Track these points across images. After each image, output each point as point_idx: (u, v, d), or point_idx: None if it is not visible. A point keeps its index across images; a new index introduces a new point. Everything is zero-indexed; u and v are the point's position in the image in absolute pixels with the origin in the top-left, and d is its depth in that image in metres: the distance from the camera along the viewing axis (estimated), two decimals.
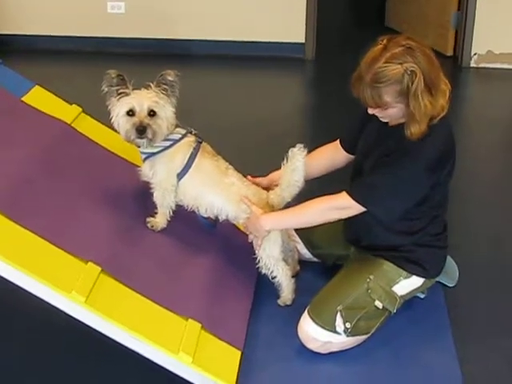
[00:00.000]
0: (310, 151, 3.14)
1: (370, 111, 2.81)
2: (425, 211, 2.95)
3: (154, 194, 3.12)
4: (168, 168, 3.06)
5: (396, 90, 2.67)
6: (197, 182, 3.08)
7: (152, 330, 2.70)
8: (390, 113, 2.78)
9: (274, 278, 3.18)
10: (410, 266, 3.00)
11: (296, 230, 3.40)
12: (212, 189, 3.09)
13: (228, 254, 3.29)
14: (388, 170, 2.82)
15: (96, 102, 3.03)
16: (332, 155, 3.30)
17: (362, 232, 3.10)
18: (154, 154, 3.05)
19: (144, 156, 3.09)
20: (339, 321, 2.91)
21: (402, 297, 3.02)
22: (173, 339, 2.71)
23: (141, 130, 2.94)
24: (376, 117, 2.88)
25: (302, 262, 3.45)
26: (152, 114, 2.96)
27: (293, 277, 3.26)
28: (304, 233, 3.40)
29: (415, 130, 2.72)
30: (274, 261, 3.14)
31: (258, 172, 3.30)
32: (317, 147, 3.33)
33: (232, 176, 3.11)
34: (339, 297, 2.96)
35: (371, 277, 2.98)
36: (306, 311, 2.98)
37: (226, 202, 3.10)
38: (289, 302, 3.24)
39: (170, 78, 2.99)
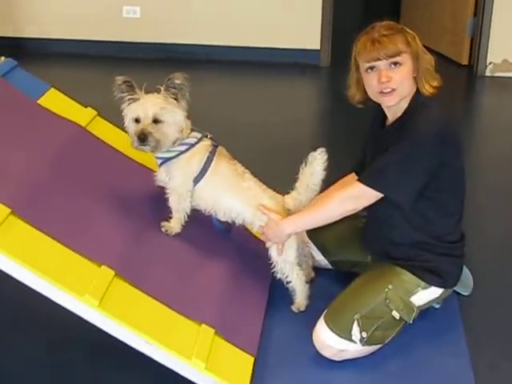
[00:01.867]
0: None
1: (384, 78, 2.80)
2: (443, 204, 2.94)
3: (170, 199, 3.10)
4: (184, 173, 3.05)
5: (403, 39, 2.81)
6: (214, 186, 3.07)
7: (165, 335, 2.67)
8: (403, 73, 2.81)
9: (288, 282, 3.15)
10: (429, 276, 2.97)
11: (310, 237, 3.38)
12: (230, 192, 3.07)
13: (242, 259, 3.27)
14: (394, 151, 2.82)
15: (111, 106, 3.01)
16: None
17: (381, 231, 3.07)
18: (169, 158, 3.03)
19: (160, 161, 3.07)
20: (356, 330, 2.88)
21: (419, 307, 2.99)
22: (186, 344, 2.68)
23: (142, 138, 2.93)
24: (376, 128, 2.97)
25: (317, 269, 3.42)
26: (157, 121, 2.94)
27: (307, 283, 3.23)
28: (318, 239, 3.38)
29: (428, 85, 2.84)
30: (290, 265, 3.11)
31: (270, 177, 3.28)
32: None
33: (249, 180, 3.09)
34: (357, 305, 2.92)
35: (390, 286, 2.94)
36: (322, 318, 2.95)
37: (244, 205, 3.07)
38: (303, 308, 3.21)
39: (178, 82, 2.96)
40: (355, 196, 2.88)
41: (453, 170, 2.91)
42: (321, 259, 3.43)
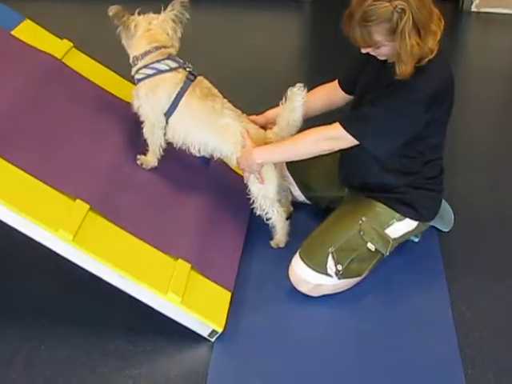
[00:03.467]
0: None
1: (363, 50, 2.72)
2: (421, 152, 2.88)
3: (144, 129, 3.06)
4: (151, 101, 3.01)
5: (386, 28, 2.57)
6: (186, 122, 3.01)
7: (141, 270, 2.66)
8: (383, 51, 2.69)
9: (268, 219, 3.13)
10: (403, 208, 2.95)
11: (290, 172, 3.35)
12: (204, 129, 3.01)
13: (221, 194, 3.24)
14: (383, 103, 2.74)
15: (88, 38, 2.96)
16: (329, 94, 3.22)
17: (355, 169, 3.04)
18: (139, 80, 3.03)
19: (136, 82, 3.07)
20: (331, 263, 2.87)
21: (395, 239, 2.97)
22: (162, 279, 2.68)
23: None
24: (376, 58, 2.80)
25: (296, 204, 3.39)
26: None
27: (287, 219, 3.21)
28: (298, 175, 3.36)
29: (401, 69, 2.64)
30: (270, 202, 3.09)
31: (252, 112, 3.20)
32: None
33: (228, 117, 3.01)
34: (331, 239, 2.91)
35: (364, 219, 2.93)
36: (297, 253, 2.94)
37: (221, 142, 3.02)
38: (282, 245, 3.20)
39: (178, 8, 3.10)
40: (333, 138, 2.83)
41: (437, 125, 2.85)
42: (298, 194, 3.41)
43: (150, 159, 3.10)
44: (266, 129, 3.10)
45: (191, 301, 2.68)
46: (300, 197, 3.41)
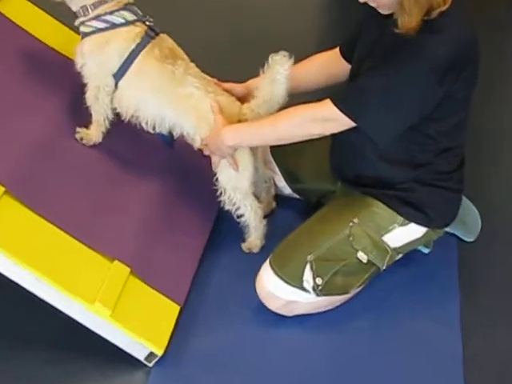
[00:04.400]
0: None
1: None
2: (432, 137, 2.57)
3: (86, 94, 2.80)
4: (98, 60, 2.74)
5: None
6: (138, 88, 2.75)
7: (62, 272, 2.41)
8: (384, 0, 2.40)
9: (239, 216, 2.85)
10: (406, 209, 2.64)
11: (274, 158, 3.09)
12: (160, 99, 2.74)
13: (183, 183, 2.99)
14: (383, 71, 2.43)
15: None
16: (329, 64, 2.97)
17: (348, 157, 2.76)
18: (86, 34, 2.76)
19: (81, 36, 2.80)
20: (308, 275, 2.60)
21: (395, 250, 2.67)
22: (89, 285, 2.43)
23: None
24: (378, 14, 2.51)
25: (281, 198, 3.14)
26: None
27: (265, 217, 2.93)
28: (284, 161, 3.09)
29: (404, 21, 2.35)
30: (242, 195, 2.80)
31: (252, 73, 2.89)
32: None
33: (191, 85, 2.71)
34: (311, 244, 2.64)
35: (355, 220, 2.64)
36: (267, 261, 2.66)
37: (181, 116, 2.74)
38: (255, 250, 2.93)
39: None
40: (323, 118, 2.53)
41: (454, 102, 2.53)
42: (283, 186, 3.12)
43: (93, 133, 2.83)
44: (243, 102, 2.80)
45: (125, 314, 2.44)
46: (285, 189, 3.13)
